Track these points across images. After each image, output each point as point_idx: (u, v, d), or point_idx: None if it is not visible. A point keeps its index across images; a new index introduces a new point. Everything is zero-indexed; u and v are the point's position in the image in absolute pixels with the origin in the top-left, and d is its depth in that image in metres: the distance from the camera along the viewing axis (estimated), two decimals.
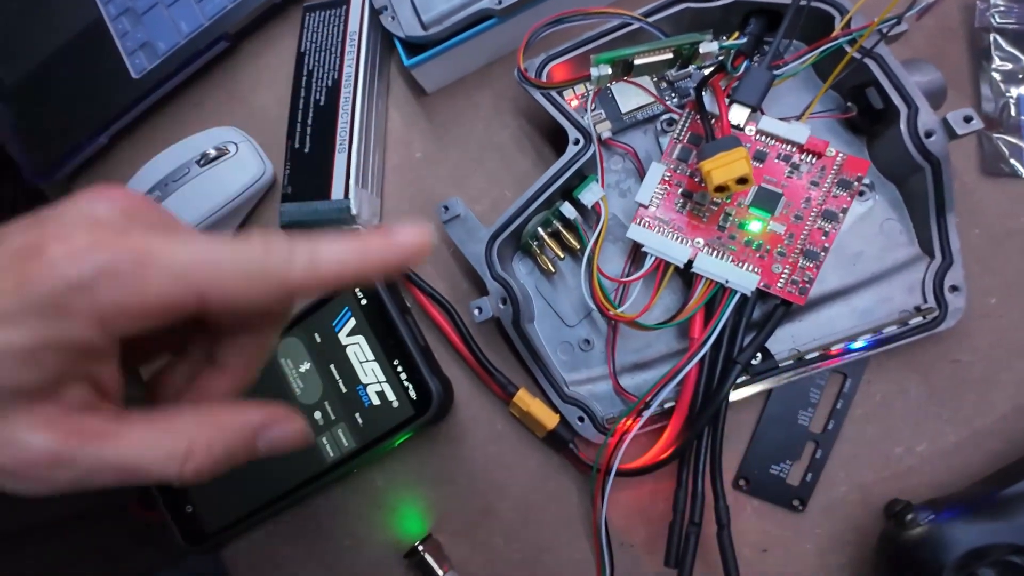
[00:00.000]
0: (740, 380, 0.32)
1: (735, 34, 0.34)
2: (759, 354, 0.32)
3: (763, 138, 0.33)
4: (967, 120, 0.30)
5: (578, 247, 0.35)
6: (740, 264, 0.32)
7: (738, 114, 0.32)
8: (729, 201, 0.33)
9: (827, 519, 0.34)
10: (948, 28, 0.37)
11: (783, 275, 0.32)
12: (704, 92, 0.32)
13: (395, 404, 0.36)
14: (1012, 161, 0.34)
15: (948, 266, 0.32)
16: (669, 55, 0.32)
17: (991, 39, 0.36)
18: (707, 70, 0.33)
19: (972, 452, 0.33)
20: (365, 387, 0.36)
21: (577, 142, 0.34)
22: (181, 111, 0.46)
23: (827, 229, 0.32)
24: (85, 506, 0.54)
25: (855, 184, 0.32)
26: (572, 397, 0.34)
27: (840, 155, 0.32)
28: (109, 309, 0.17)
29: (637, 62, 0.32)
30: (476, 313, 0.34)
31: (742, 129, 0.33)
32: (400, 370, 0.36)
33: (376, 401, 0.36)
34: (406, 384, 0.36)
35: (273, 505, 0.38)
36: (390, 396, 0.36)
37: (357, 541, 0.38)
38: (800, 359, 0.32)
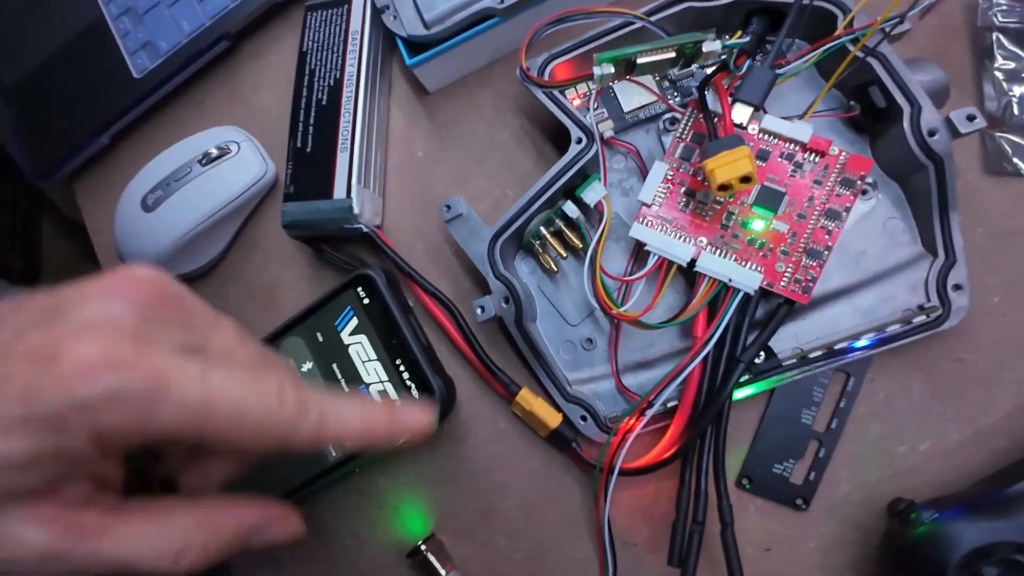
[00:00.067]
0: (743, 379, 0.32)
1: (738, 33, 0.34)
2: (762, 353, 0.32)
3: (766, 137, 0.33)
4: (970, 119, 0.30)
5: (580, 246, 0.35)
6: (743, 263, 0.32)
7: (741, 113, 0.32)
8: (732, 200, 0.33)
9: (830, 518, 0.34)
10: (950, 27, 0.37)
11: (786, 274, 0.32)
12: (707, 91, 0.32)
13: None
14: (1015, 160, 0.34)
15: (951, 265, 0.32)
16: (672, 54, 0.32)
17: (993, 38, 0.36)
18: (710, 69, 0.33)
19: (975, 451, 0.33)
20: (368, 387, 0.36)
21: (579, 141, 0.34)
22: (183, 111, 0.46)
23: (830, 228, 0.32)
24: None
25: (858, 183, 0.31)
26: (575, 396, 0.34)
27: (843, 154, 0.32)
28: (109, 431, 0.17)
29: (640, 61, 0.32)
30: (478, 312, 0.34)
31: (745, 128, 0.33)
32: (403, 370, 0.36)
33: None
34: (409, 384, 0.36)
35: None
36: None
37: (359, 541, 0.38)
38: (803, 358, 0.32)
